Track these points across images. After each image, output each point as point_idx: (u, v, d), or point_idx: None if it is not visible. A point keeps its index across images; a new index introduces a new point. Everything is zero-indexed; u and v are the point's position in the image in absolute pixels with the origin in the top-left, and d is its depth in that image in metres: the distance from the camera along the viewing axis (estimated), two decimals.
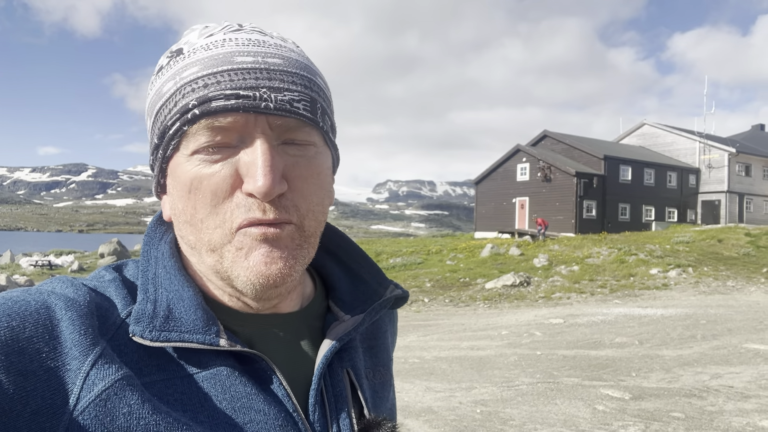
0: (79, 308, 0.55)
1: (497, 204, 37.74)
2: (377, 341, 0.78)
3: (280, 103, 0.58)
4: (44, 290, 0.57)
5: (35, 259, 28.18)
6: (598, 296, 15.18)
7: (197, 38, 0.62)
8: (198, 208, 0.59)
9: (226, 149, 0.58)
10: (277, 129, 0.58)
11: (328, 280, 0.76)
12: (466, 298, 15.57)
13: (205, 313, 0.60)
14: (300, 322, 0.69)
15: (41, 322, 0.53)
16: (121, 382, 0.53)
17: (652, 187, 37.28)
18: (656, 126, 42.57)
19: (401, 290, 0.75)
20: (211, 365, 0.59)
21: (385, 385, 0.75)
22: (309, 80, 0.62)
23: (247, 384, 0.59)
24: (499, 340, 9.38)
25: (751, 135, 48.12)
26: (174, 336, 0.57)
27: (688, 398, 5.77)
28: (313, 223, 0.62)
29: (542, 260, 19.67)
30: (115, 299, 0.61)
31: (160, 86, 0.61)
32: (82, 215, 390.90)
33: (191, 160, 0.59)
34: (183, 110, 0.58)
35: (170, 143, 0.60)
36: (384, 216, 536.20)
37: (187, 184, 0.59)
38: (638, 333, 9.54)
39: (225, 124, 0.57)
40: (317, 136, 0.62)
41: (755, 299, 13.93)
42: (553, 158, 35.41)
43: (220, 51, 0.59)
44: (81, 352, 0.53)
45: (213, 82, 0.57)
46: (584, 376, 6.76)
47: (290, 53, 0.62)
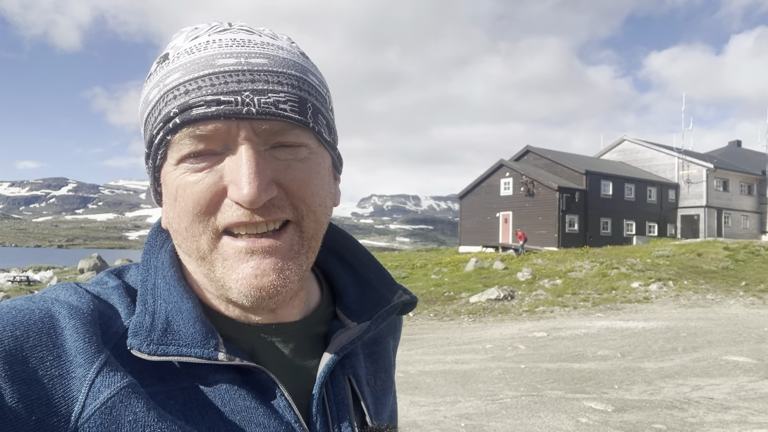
0: (82, 316, 0.55)
1: (481, 218, 37.94)
2: (378, 347, 0.76)
3: (264, 107, 0.55)
4: (48, 298, 0.57)
5: (13, 275, 27.65)
6: (580, 309, 15.29)
7: (183, 41, 0.60)
8: (182, 216, 0.58)
9: (212, 156, 0.57)
10: (262, 134, 0.56)
11: (336, 285, 0.74)
12: (451, 312, 15.58)
13: (204, 325, 0.59)
14: (303, 330, 0.67)
15: (45, 331, 0.52)
16: (126, 390, 0.52)
17: (632, 201, 37.80)
18: (636, 142, 43.27)
19: (409, 295, 0.73)
20: (211, 378, 0.58)
21: (386, 391, 0.74)
22: (298, 79, 0.59)
23: (246, 397, 0.59)
24: (483, 353, 9.40)
25: (728, 151, 49.11)
26: (172, 350, 0.56)
27: (669, 410, 5.83)
28: (314, 225, 0.60)
29: (526, 274, 19.78)
30: (118, 307, 0.60)
31: (147, 93, 0.60)
32: (61, 230, 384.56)
33: (177, 169, 0.58)
34: (165, 119, 0.56)
35: (158, 152, 0.59)
36: (369, 230, 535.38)
37: (174, 192, 0.59)
38: (620, 346, 9.63)
39: (207, 132, 0.55)
40: (309, 137, 0.59)
41: (734, 312, 14.14)
42: (536, 173, 35.78)
43: (202, 54, 0.57)
44: (86, 360, 0.52)
45: (194, 88, 0.56)
46: (567, 389, 6.80)
47: (278, 51, 0.60)
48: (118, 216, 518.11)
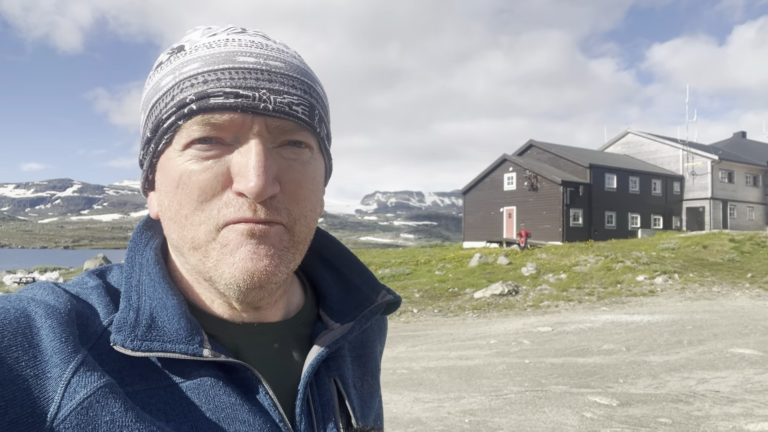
0: (59, 316, 0.54)
1: (485, 213, 37.90)
2: (365, 350, 0.77)
3: (279, 105, 0.57)
4: (24, 297, 0.56)
5: (19, 276, 27.79)
6: (585, 304, 15.26)
7: (200, 37, 0.61)
8: (184, 204, 0.58)
9: (220, 147, 0.58)
10: (274, 131, 0.58)
11: (320, 287, 0.75)
12: (455, 307, 15.58)
13: (189, 322, 0.59)
14: (287, 330, 0.67)
15: (20, 331, 0.52)
16: (103, 390, 0.51)
17: (637, 194, 37.67)
18: (640, 134, 43.11)
19: (393, 295, 0.74)
20: (194, 375, 0.58)
21: (372, 395, 0.75)
22: (309, 86, 0.61)
23: (231, 394, 0.58)
24: (487, 349, 9.39)
25: (733, 142, 48.88)
26: (156, 346, 0.56)
27: (675, 403, 5.81)
28: (304, 229, 0.61)
29: (530, 269, 19.76)
30: (97, 307, 0.60)
31: (158, 80, 0.61)
32: (67, 231, 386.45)
33: (183, 155, 0.58)
34: (180, 104, 0.57)
35: (163, 137, 0.59)
36: (373, 227, 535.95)
37: (176, 179, 0.58)
38: (625, 339, 9.61)
39: (222, 122, 0.56)
40: (313, 141, 0.62)
41: (740, 304, 14.09)
42: (540, 167, 35.70)
43: (222, 50, 0.59)
44: (62, 360, 0.51)
45: (213, 79, 0.57)
46: (572, 384, 6.79)
47: (292, 59, 0.62)
48: (124, 216, 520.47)
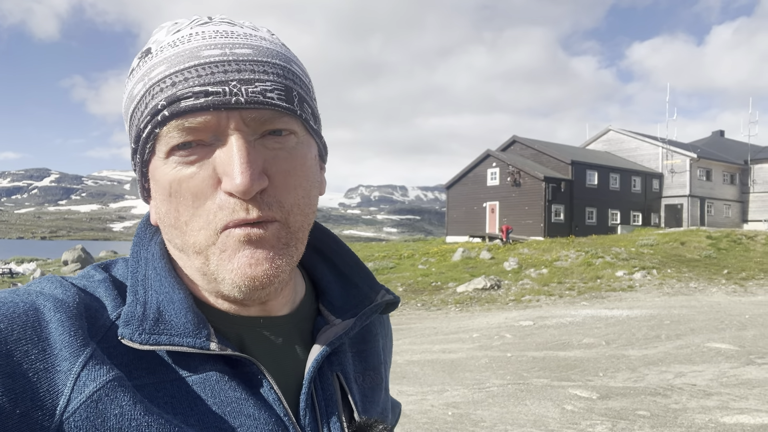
0: (68, 309, 0.54)
1: (468, 208, 38.06)
2: (367, 345, 0.77)
3: (252, 96, 0.56)
4: (32, 291, 0.56)
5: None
6: (566, 298, 15.44)
7: (165, 35, 0.60)
8: (181, 211, 0.58)
9: (201, 149, 0.57)
10: (251, 123, 0.57)
11: (319, 282, 0.75)
12: (438, 301, 15.65)
13: (196, 316, 0.59)
14: (291, 325, 0.68)
15: (30, 324, 0.52)
16: (112, 383, 0.52)
17: (617, 191, 38.12)
18: (621, 132, 43.58)
19: (392, 296, 0.74)
20: (201, 369, 0.58)
21: (375, 389, 0.75)
22: (282, 68, 0.60)
23: (237, 388, 0.59)
24: (470, 342, 9.47)
25: (711, 141, 49.65)
26: (164, 339, 0.56)
27: (653, 396, 5.92)
28: (300, 218, 0.61)
29: (512, 263, 19.92)
30: (105, 300, 0.60)
31: (132, 88, 0.60)
32: (44, 221, 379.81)
33: (168, 163, 0.58)
34: (153, 112, 0.56)
35: (146, 147, 0.59)
36: (356, 221, 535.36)
37: (167, 187, 0.58)
38: (605, 334, 9.75)
39: (196, 124, 0.55)
40: (297, 125, 0.60)
41: (716, 300, 14.37)
42: (522, 163, 35.93)
43: (186, 47, 0.57)
44: (71, 354, 0.52)
45: (181, 80, 0.56)
46: (553, 377, 6.88)
47: (261, 42, 0.60)
48: (102, 207, 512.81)
